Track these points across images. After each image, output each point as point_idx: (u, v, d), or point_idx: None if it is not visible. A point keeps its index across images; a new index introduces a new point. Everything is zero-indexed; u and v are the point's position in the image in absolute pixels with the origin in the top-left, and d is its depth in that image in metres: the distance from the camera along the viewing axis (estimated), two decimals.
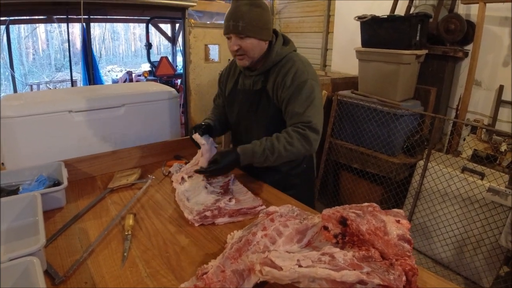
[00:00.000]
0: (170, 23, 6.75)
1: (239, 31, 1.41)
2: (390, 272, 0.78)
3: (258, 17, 1.42)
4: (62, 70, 10.40)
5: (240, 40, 1.43)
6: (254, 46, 1.46)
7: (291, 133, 1.41)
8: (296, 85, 1.44)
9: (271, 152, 1.39)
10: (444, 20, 2.95)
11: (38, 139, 1.59)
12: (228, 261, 0.83)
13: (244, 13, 1.40)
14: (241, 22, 1.39)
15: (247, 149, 1.41)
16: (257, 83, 1.56)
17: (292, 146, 1.39)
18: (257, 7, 1.42)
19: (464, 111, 3.00)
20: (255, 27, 1.42)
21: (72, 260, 1.01)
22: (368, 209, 0.97)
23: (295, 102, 1.43)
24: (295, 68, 1.47)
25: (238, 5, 1.41)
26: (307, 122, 1.41)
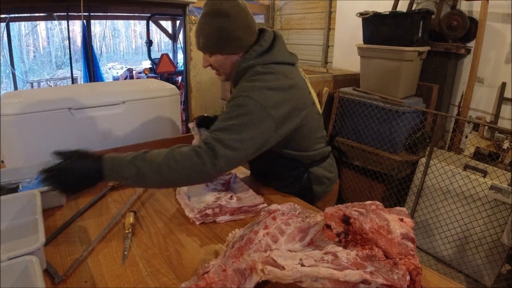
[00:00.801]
0: (170, 20, 6.72)
1: (201, 48, 1.29)
2: (394, 271, 0.77)
3: (218, 30, 1.21)
4: (63, 68, 10.40)
5: (208, 57, 1.30)
6: (221, 62, 1.30)
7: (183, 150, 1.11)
8: (230, 98, 1.21)
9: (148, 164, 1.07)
10: (447, 16, 2.93)
11: (38, 137, 1.58)
12: (229, 260, 0.82)
13: (204, 27, 1.23)
14: (201, 38, 1.25)
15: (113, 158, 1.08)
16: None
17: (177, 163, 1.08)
18: (220, 17, 1.20)
19: (466, 108, 2.98)
20: (216, 42, 1.24)
21: (72, 259, 1.00)
22: (371, 207, 0.96)
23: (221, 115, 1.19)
24: (241, 83, 1.24)
25: (200, 18, 1.24)
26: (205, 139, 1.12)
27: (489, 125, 2.76)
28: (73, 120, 1.65)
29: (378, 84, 3.00)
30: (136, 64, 11.18)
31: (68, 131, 1.65)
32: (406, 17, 2.74)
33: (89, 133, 1.71)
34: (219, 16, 1.20)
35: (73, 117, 1.64)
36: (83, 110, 1.67)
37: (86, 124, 1.69)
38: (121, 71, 8.97)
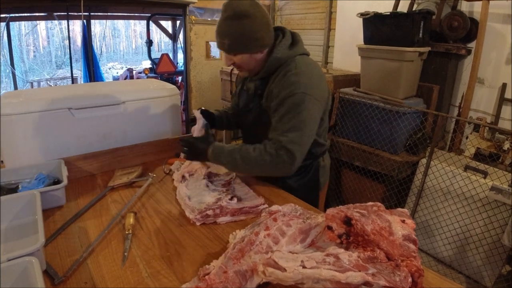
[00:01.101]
0: (171, 20, 6.72)
1: (226, 50, 1.35)
2: (396, 273, 0.76)
3: (242, 31, 1.29)
4: (63, 67, 10.39)
5: (232, 56, 1.37)
6: (246, 60, 1.38)
7: (267, 149, 1.28)
8: (283, 96, 1.31)
9: (241, 157, 1.31)
10: (447, 17, 2.93)
11: (38, 137, 1.57)
12: (230, 262, 0.82)
13: (227, 30, 1.30)
14: (226, 39, 1.32)
15: (218, 146, 1.37)
16: (257, 89, 1.50)
17: (264, 161, 1.28)
18: (241, 18, 1.28)
19: (467, 109, 2.98)
20: (241, 43, 1.32)
21: (72, 260, 0.99)
22: (373, 208, 0.95)
23: (277, 115, 1.32)
24: (287, 77, 1.33)
25: (222, 18, 1.31)
26: (279, 142, 1.27)
27: (489, 126, 2.75)
28: (73, 120, 1.64)
29: (378, 85, 2.99)
30: (136, 64, 11.17)
31: (68, 131, 1.65)
32: (407, 17, 2.74)
33: (89, 133, 1.71)
34: (242, 18, 1.28)
35: (73, 117, 1.64)
36: (83, 110, 1.66)
37: (86, 124, 1.69)
38: (121, 71, 8.96)
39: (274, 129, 1.31)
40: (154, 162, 1.77)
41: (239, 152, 1.31)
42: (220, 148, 1.35)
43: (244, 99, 1.59)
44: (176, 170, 1.59)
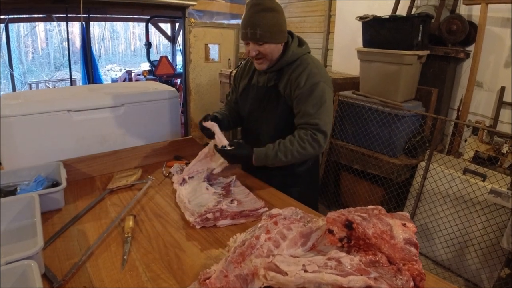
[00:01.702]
0: (170, 22, 6.73)
1: (257, 39, 1.46)
2: (398, 277, 0.76)
3: (273, 22, 1.46)
4: (62, 69, 10.36)
5: (259, 46, 1.49)
6: (272, 50, 1.51)
7: (303, 137, 1.46)
8: (309, 86, 1.49)
9: (284, 155, 1.46)
10: (446, 20, 2.94)
11: (37, 139, 1.57)
12: (231, 266, 0.81)
13: (260, 20, 1.44)
14: (259, 29, 1.44)
15: (261, 152, 1.47)
16: (270, 81, 1.61)
17: (305, 149, 1.46)
18: (272, 11, 1.46)
19: (466, 112, 2.98)
20: (272, 32, 1.47)
21: (71, 263, 0.98)
22: (374, 212, 0.95)
23: (306, 102, 1.49)
24: (309, 69, 1.52)
25: (254, 11, 1.45)
26: (315, 124, 1.46)
27: (488, 129, 2.75)
28: (72, 122, 1.64)
29: (377, 88, 3.00)
30: (134, 66, 11.16)
31: (67, 133, 1.64)
32: (406, 21, 2.74)
33: (88, 135, 1.70)
34: (273, 10, 1.46)
35: (72, 119, 1.63)
36: (82, 112, 1.66)
37: (85, 126, 1.68)
38: (119, 73, 8.95)
39: (305, 114, 1.49)
40: (153, 165, 1.77)
41: (280, 151, 1.46)
42: (263, 153, 1.47)
43: (254, 93, 1.68)
44: (175, 173, 1.58)
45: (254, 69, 1.70)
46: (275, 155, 1.46)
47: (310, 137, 1.46)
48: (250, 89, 1.71)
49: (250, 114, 1.71)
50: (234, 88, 1.85)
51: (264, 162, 1.48)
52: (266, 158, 1.47)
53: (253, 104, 1.68)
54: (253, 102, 1.68)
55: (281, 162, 1.48)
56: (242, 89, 1.75)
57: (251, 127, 1.74)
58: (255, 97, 1.67)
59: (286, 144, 1.47)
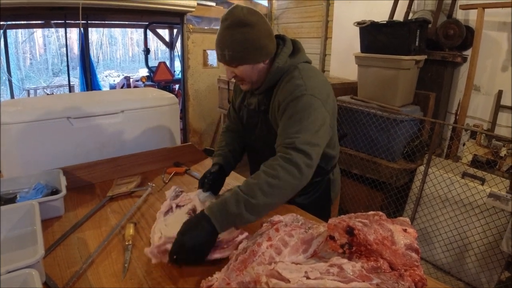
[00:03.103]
0: (168, 28, 6.75)
1: (227, 61, 1.24)
2: (400, 283, 0.76)
3: (243, 40, 1.20)
4: (60, 75, 10.36)
5: (233, 68, 1.27)
6: (248, 71, 1.27)
7: (272, 163, 1.12)
8: (288, 101, 1.21)
9: (251, 196, 1.05)
10: (443, 25, 2.96)
11: (36, 146, 1.57)
12: (233, 273, 0.81)
13: (227, 40, 1.20)
14: (226, 50, 1.21)
15: (214, 207, 1.06)
16: (261, 104, 1.38)
17: (278, 178, 1.07)
18: (242, 26, 1.19)
19: (463, 116, 3.00)
20: (243, 53, 1.22)
21: (72, 271, 0.98)
22: (375, 217, 0.95)
23: (282, 120, 1.22)
24: (291, 83, 1.24)
25: (221, 30, 1.22)
26: (290, 144, 1.13)
27: (486, 132, 2.77)
28: (71, 129, 1.64)
29: (375, 93, 3.01)
30: (133, 72, 11.16)
31: (67, 140, 1.64)
32: (403, 26, 2.76)
33: (88, 142, 1.70)
34: (242, 26, 1.19)
35: (72, 126, 1.63)
36: (81, 119, 1.66)
37: (84, 133, 1.68)
38: (118, 79, 8.95)
39: (280, 135, 1.19)
40: (153, 172, 1.77)
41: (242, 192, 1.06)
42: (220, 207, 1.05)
43: (246, 116, 1.48)
44: (168, 198, 1.33)
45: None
46: (236, 201, 1.05)
47: (282, 159, 1.10)
48: (243, 110, 1.50)
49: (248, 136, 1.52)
50: (232, 104, 1.61)
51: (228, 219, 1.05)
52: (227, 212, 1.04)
53: (248, 126, 1.48)
54: (247, 126, 1.48)
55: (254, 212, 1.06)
56: (238, 109, 1.54)
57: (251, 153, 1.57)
58: (248, 120, 1.47)
59: (249, 182, 1.10)
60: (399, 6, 3.28)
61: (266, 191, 1.06)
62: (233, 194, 1.06)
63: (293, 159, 1.10)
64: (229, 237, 1.04)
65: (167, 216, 1.22)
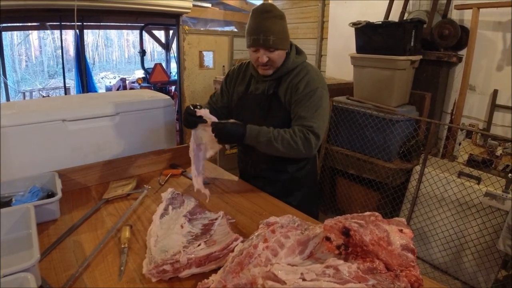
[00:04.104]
0: (164, 29, 6.74)
1: (270, 45, 1.47)
2: (396, 284, 0.76)
3: (283, 29, 1.50)
4: (55, 77, 10.33)
5: (270, 53, 1.50)
6: (281, 56, 1.54)
7: (296, 132, 1.47)
8: (307, 91, 1.52)
9: (275, 139, 1.44)
10: (438, 25, 2.97)
11: (31, 149, 1.56)
12: (229, 276, 0.81)
13: (273, 26, 1.46)
14: (272, 36, 1.46)
15: (254, 128, 1.46)
16: (269, 88, 1.62)
17: (296, 143, 1.45)
18: (281, 19, 1.49)
19: (459, 115, 3.01)
20: (283, 39, 1.50)
21: (68, 275, 0.98)
22: (371, 218, 0.95)
23: (303, 106, 1.51)
24: (309, 76, 1.56)
25: (265, 17, 1.46)
26: (310, 126, 1.48)
27: (482, 132, 2.78)
28: (67, 132, 1.63)
29: (371, 93, 3.02)
30: (129, 73, 11.14)
31: (62, 143, 1.63)
32: (398, 26, 2.77)
33: (84, 145, 1.70)
34: (281, 18, 1.49)
35: (67, 128, 1.63)
36: (77, 121, 1.65)
37: (80, 135, 1.67)
38: (114, 80, 8.94)
39: (300, 117, 1.50)
40: (149, 174, 1.76)
41: (273, 132, 1.46)
42: (256, 129, 1.46)
43: (253, 100, 1.67)
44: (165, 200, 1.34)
45: (251, 76, 1.70)
46: (268, 136, 1.45)
47: (302, 135, 1.47)
48: (247, 97, 1.69)
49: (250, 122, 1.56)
50: (226, 91, 1.80)
51: (255, 141, 1.46)
52: (258, 135, 1.45)
53: (253, 112, 1.66)
54: (253, 110, 1.66)
55: (269, 147, 1.46)
56: (239, 97, 1.73)
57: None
58: (254, 104, 1.66)
59: (280, 131, 1.46)
60: (394, 7, 3.29)
61: (284, 144, 1.45)
62: (267, 131, 1.45)
63: (310, 139, 1.46)
64: (224, 244, 1.03)
65: (164, 218, 1.22)
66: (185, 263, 0.96)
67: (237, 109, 1.73)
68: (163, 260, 0.97)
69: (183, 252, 0.98)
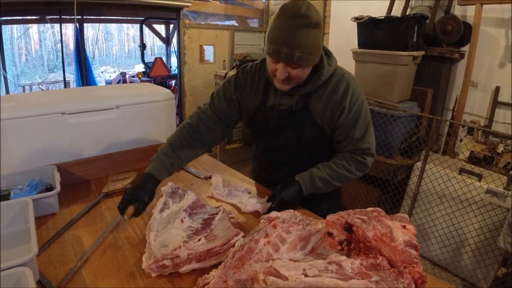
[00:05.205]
0: (164, 23, 6.70)
1: (294, 61, 1.16)
2: (399, 280, 0.75)
3: (315, 42, 1.16)
4: (55, 71, 10.28)
5: (291, 69, 1.19)
6: (306, 72, 1.24)
7: (350, 162, 1.35)
8: (355, 110, 1.31)
9: (332, 178, 1.34)
10: (441, 21, 2.95)
11: (30, 142, 1.54)
12: (230, 271, 0.80)
13: (302, 40, 1.12)
14: (297, 51, 1.13)
15: (304, 177, 1.33)
16: (298, 103, 1.35)
17: (352, 173, 1.35)
18: (315, 27, 1.14)
19: (461, 112, 2.99)
20: (312, 54, 1.18)
21: (66, 269, 0.97)
22: (373, 214, 0.94)
23: (354, 128, 1.33)
24: (351, 90, 1.31)
25: (294, 26, 1.11)
26: (367, 149, 1.35)
27: (483, 129, 2.77)
28: (66, 125, 1.61)
29: (373, 89, 3.00)
30: (129, 68, 11.09)
31: (61, 136, 1.61)
32: (401, 22, 2.75)
33: (83, 138, 1.68)
34: (316, 27, 1.15)
35: (66, 121, 1.61)
36: (76, 114, 1.63)
37: (79, 129, 1.66)
38: (114, 75, 8.90)
39: (353, 140, 1.35)
40: None
41: (327, 172, 1.34)
42: (307, 176, 1.34)
43: (277, 116, 1.40)
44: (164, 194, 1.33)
45: (267, 84, 1.40)
46: (324, 179, 1.33)
47: (357, 161, 1.35)
48: (267, 111, 1.41)
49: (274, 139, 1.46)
50: (235, 101, 1.47)
51: (313, 189, 1.34)
52: (313, 183, 1.33)
53: (278, 129, 1.42)
54: (277, 127, 1.42)
55: (329, 188, 1.35)
56: (255, 110, 1.44)
57: (275, 152, 1.51)
58: (278, 121, 1.40)
59: (332, 167, 1.35)
60: (396, 2, 3.27)
61: (342, 180, 1.36)
62: (321, 174, 1.34)
63: (367, 162, 1.36)
64: (225, 239, 1.01)
65: (163, 212, 1.21)
66: (185, 258, 0.95)
67: (257, 124, 1.48)
68: (163, 255, 0.96)
69: (183, 247, 0.98)
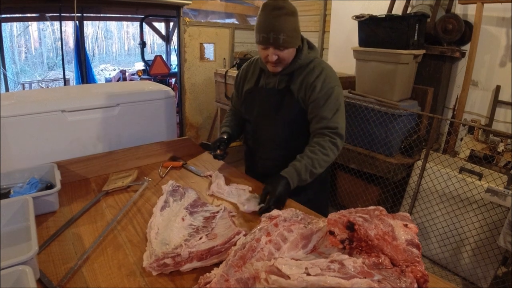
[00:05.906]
0: (164, 21, 6.69)
1: (280, 44, 1.42)
2: (402, 279, 0.75)
3: (295, 26, 1.44)
4: (55, 69, 10.27)
5: (279, 51, 1.45)
6: (291, 54, 1.50)
7: (323, 144, 1.46)
8: (325, 91, 1.48)
9: (314, 166, 1.43)
10: (442, 20, 2.94)
11: (30, 140, 1.54)
12: (232, 269, 0.79)
13: (284, 25, 1.40)
14: (282, 34, 1.40)
15: (290, 171, 1.41)
16: (281, 82, 1.58)
17: (328, 156, 1.46)
18: (292, 15, 1.43)
19: (461, 111, 2.99)
20: (294, 37, 1.44)
21: (66, 268, 0.96)
22: (375, 212, 0.94)
23: (323, 107, 1.48)
24: (324, 74, 1.51)
25: (276, 15, 1.39)
26: (334, 128, 1.47)
27: (484, 128, 2.76)
28: (66, 123, 1.61)
29: (373, 87, 2.99)
30: (129, 65, 11.07)
31: (61, 134, 1.61)
32: (402, 20, 2.74)
33: (83, 136, 1.68)
34: (293, 14, 1.43)
35: (67, 119, 1.61)
36: (76, 112, 1.63)
37: (79, 127, 1.66)
38: (113, 72, 8.89)
39: (322, 118, 1.48)
40: (149, 166, 1.74)
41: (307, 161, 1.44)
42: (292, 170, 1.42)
43: (264, 95, 1.63)
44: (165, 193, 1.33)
45: (260, 70, 1.65)
46: (307, 169, 1.42)
47: (329, 143, 1.46)
48: (257, 92, 1.65)
49: (261, 117, 1.64)
50: (237, 94, 1.79)
51: (300, 181, 1.43)
52: (299, 175, 1.41)
53: (264, 106, 1.62)
54: (264, 105, 1.62)
55: (313, 176, 1.45)
56: (249, 91, 1.68)
57: (261, 129, 1.67)
58: (265, 99, 1.62)
59: (310, 156, 1.45)
60: (397, 0, 3.26)
61: (322, 164, 1.45)
62: (302, 165, 1.42)
63: (337, 143, 1.48)
64: (226, 238, 1.01)
65: (164, 211, 1.21)
66: (187, 256, 0.95)
67: (247, 103, 1.69)
68: (164, 254, 0.95)
69: (184, 246, 0.97)
